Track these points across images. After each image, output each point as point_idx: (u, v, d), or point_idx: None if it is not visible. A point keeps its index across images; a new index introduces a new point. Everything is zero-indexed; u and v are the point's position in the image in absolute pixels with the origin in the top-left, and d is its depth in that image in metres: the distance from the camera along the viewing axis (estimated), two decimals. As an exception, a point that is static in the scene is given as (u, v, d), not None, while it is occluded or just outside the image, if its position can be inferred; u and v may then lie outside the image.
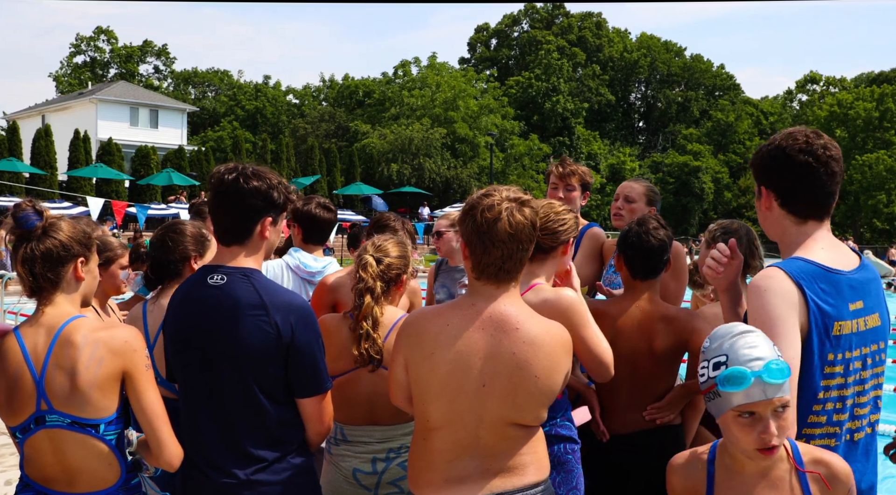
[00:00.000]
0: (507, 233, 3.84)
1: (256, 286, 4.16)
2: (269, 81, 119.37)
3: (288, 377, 4.17)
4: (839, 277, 3.86)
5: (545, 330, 3.95)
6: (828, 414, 3.82)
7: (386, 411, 4.89)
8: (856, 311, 3.86)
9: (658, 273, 5.43)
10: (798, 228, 4.03)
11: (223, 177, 4.21)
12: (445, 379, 3.90)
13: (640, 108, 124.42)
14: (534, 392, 3.87)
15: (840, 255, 3.99)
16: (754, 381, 3.43)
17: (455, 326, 3.93)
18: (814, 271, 3.82)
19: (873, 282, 4.04)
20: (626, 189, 6.93)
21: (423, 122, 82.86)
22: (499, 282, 3.95)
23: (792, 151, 3.98)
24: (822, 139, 3.98)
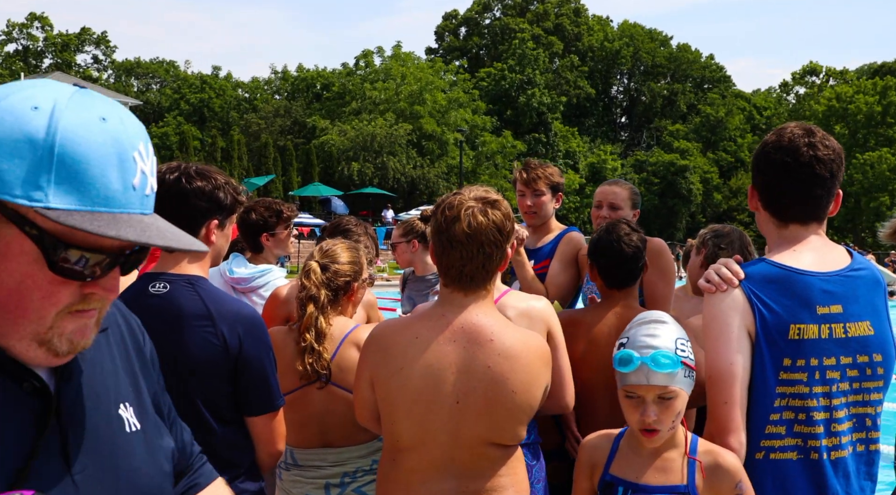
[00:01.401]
0: (465, 234, 3.89)
1: (202, 294, 4.15)
2: (219, 73, 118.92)
3: (236, 393, 4.16)
4: (805, 279, 3.87)
5: (522, 341, 3.96)
6: (786, 424, 3.84)
7: (339, 432, 4.89)
8: (826, 316, 3.84)
9: (635, 279, 5.53)
10: (779, 231, 4.08)
11: (164, 177, 4.18)
12: (416, 396, 3.89)
13: (622, 102, 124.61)
14: (511, 408, 3.87)
15: (822, 258, 3.98)
16: (640, 366, 3.81)
17: (425, 338, 3.94)
18: (769, 273, 3.90)
19: (865, 288, 4.01)
20: (608, 195, 6.90)
21: (387, 117, 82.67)
22: (465, 289, 3.97)
23: (770, 149, 4.03)
24: (812, 137, 3.97)
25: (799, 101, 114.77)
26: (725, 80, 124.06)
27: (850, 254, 4.10)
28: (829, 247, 4.08)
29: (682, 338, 3.96)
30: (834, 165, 3.95)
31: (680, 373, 3.87)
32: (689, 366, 3.92)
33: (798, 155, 3.93)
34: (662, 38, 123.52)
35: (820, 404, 3.84)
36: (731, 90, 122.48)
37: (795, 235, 4.03)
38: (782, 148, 3.98)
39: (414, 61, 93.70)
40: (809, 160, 3.91)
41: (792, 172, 3.95)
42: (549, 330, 4.90)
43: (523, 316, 4.83)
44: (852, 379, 3.91)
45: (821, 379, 3.83)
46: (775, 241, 4.10)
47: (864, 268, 4.04)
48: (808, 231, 4.03)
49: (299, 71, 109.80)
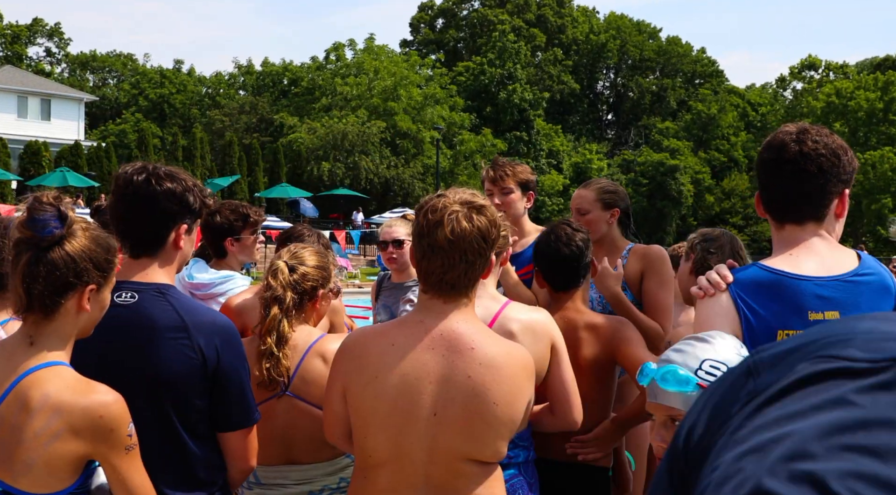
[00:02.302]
0: (448, 240, 3.85)
1: (175, 304, 4.09)
2: (180, 67, 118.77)
3: (211, 408, 4.13)
4: (797, 284, 3.92)
5: (505, 351, 3.96)
6: None
7: (304, 448, 4.85)
8: (819, 322, 3.64)
9: (579, 280, 5.61)
10: (778, 234, 4.13)
11: (132, 179, 4.13)
12: (390, 408, 3.87)
13: (608, 98, 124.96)
14: (492, 421, 3.86)
15: (824, 262, 4.01)
16: (652, 381, 3.62)
17: (401, 346, 3.92)
18: (759, 277, 3.97)
19: (870, 294, 4.01)
20: (575, 200, 6.82)
21: (359, 114, 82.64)
22: (446, 296, 3.96)
23: (762, 149, 4.13)
24: (804, 134, 4.01)
25: (796, 97, 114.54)
26: (718, 74, 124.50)
27: (860, 258, 4.11)
28: (833, 250, 4.10)
29: (720, 362, 3.60)
30: (823, 161, 3.98)
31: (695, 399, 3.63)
32: None
33: (783, 151, 4.00)
34: (651, 30, 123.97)
35: None
36: (723, 85, 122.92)
37: (793, 237, 4.07)
38: (772, 147, 4.06)
39: (388, 55, 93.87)
40: (794, 156, 3.97)
41: (778, 169, 4.03)
42: (553, 343, 4.93)
43: (528, 330, 4.85)
44: None
45: None
46: (776, 244, 4.15)
47: (872, 274, 4.05)
48: (806, 232, 4.06)
49: (265, 65, 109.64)
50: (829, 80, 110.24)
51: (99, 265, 3.67)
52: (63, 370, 3.58)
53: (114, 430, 3.52)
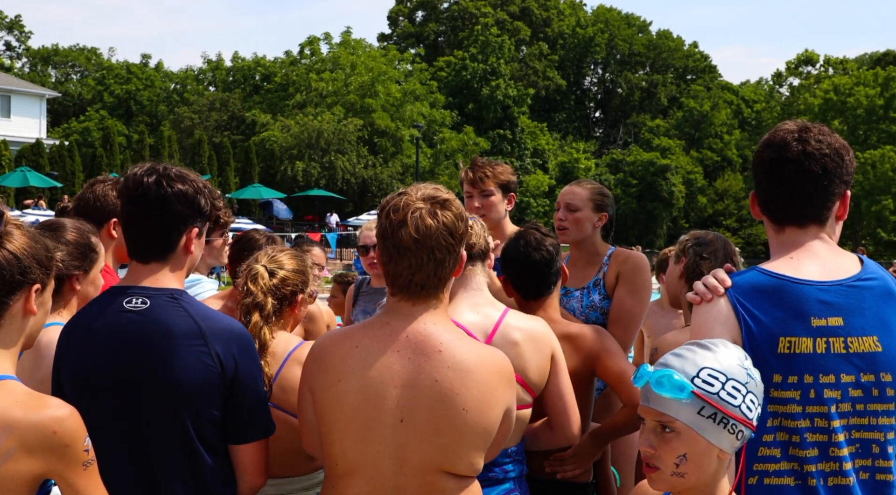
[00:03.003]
0: (413, 240, 3.84)
1: (189, 310, 4.08)
2: (148, 61, 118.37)
3: (226, 419, 4.12)
4: (799, 288, 3.88)
5: (476, 354, 3.94)
6: (781, 446, 3.84)
7: (280, 460, 4.78)
8: (823, 329, 3.85)
9: (551, 287, 5.59)
10: (777, 237, 4.12)
11: (142, 181, 4.12)
12: (354, 413, 3.87)
13: (596, 94, 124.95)
14: (462, 429, 3.83)
15: (825, 266, 3.99)
16: (645, 383, 3.55)
17: (365, 348, 3.92)
18: (759, 282, 3.94)
19: (874, 299, 3.98)
20: (566, 195, 6.82)
21: (335, 112, 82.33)
22: (414, 298, 3.95)
23: (761, 148, 4.11)
24: (806, 132, 4.01)
25: (793, 94, 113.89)
26: (711, 70, 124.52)
27: (862, 262, 4.09)
28: (834, 253, 4.09)
29: (718, 371, 3.51)
30: (827, 161, 3.97)
31: (689, 407, 3.47)
32: (714, 405, 3.45)
33: (785, 151, 3.99)
34: (641, 23, 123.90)
35: (815, 425, 3.84)
36: (717, 82, 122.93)
37: (793, 240, 4.06)
38: (772, 145, 4.05)
39: (365, 49, 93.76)
40: (797, 156, 3.96)
41: (779, 169, 4.01)
42: (553, 353, 5.02)
43: (530, 339, 4.93)
44: (855, 399, 3.89)
45: (816, 399, 3.83)
46: (775, 248, 4.14)
47: (874, 278, 4.03)
48: (807, 235, 4.06)
49: (235, 60, 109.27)
50: (827, 76, 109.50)
51: (42, 263, 3.63)
52: (11, 384, 3.48)
53: (69, 446, 3.41)
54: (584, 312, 6.55)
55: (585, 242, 6.71)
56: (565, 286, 6.60)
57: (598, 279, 6.65)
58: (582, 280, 6.71)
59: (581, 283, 6.69)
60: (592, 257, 6.74)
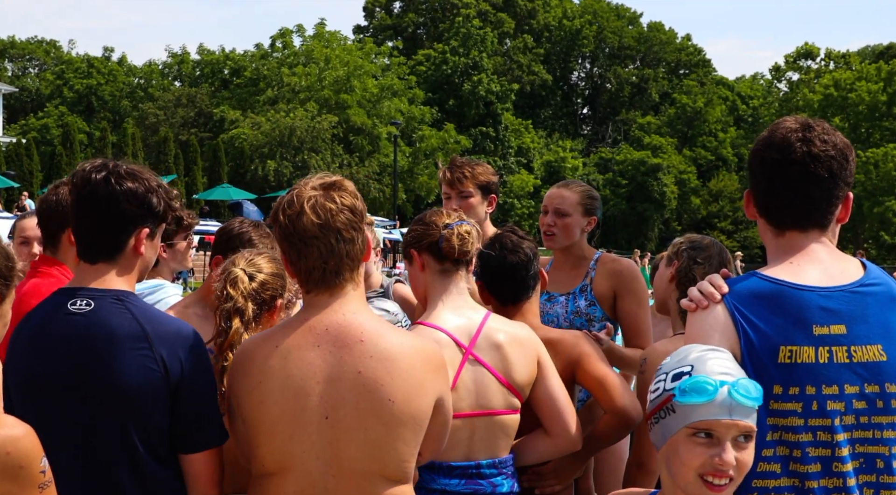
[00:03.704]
0: (317, 226, 3.92)
1: (135, 312, 4.07)
2: (110, 55, 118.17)
3: (174, 427, 4.08)
4: (801, 295, 3.87)
5: (399, 341, 4.02)
6: (781, 461, 3.82)
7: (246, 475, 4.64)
8: (825, 337, 3.83)
9: (529, 291, 5.57)
10: (776, 240, 4.09)
11: (90, 177, 4.11)
12: (278, 413, 3.91)
13: (583, 90, 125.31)
14: (390, 422, 3.88)
15: (827, 271, 3.98)
16: (721, 393, 3.48)
17: (285, 347, 3.96)
18: (758, 288, 3.92)
19: (877, 306, 3.96)
20: (555, 199, 6.79)
21: (309, 108, 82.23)
22: (331, 287, 4.01)
23: (761, 147, 4.07)
24: (809, 131, 3.98)
25: (792, 90, 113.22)
26: (705, 64, 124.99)
27: (864, 267, 4.07)
28: (836, 258, 4.07)
29: None
30: (833, 163, 3.95)
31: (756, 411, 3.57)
32: None
33: (789, 151, 3.95)
34: (631, 15, 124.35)
35: (818, 439, 3.82)
36: (711, 76, 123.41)
37: (794, 244, 4.04)
38: (773, 144, 4.01)
39: (340, 42, 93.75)
40: (802, 157, 3.92)
41: (783, 171, 3.98)
42: (539, 357, 5.02)
43: (515, 342, 4.95)
44: (859, 412, 3.87)
45: (819, 411, 3.81)
46: (773, 252, 4.12)
47: (878, 284, 4.00)
48: (809, 239, 4.04)
49: (202, 53, 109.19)
50: (828, 71, 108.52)
51: (1, 273, 3.65)
52: None
53: (24, 467, 3.39)
54: (568, 318, 6.57)
55: (572, 247, 6.74)
56: (549, 291, 6.68)
57: (584, 284, 6.67)
58: (567, 285, 6.73)
59: (566, 288, 6.71)
60: (578, 261, 6.76)
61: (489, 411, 4.85)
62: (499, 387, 4.86)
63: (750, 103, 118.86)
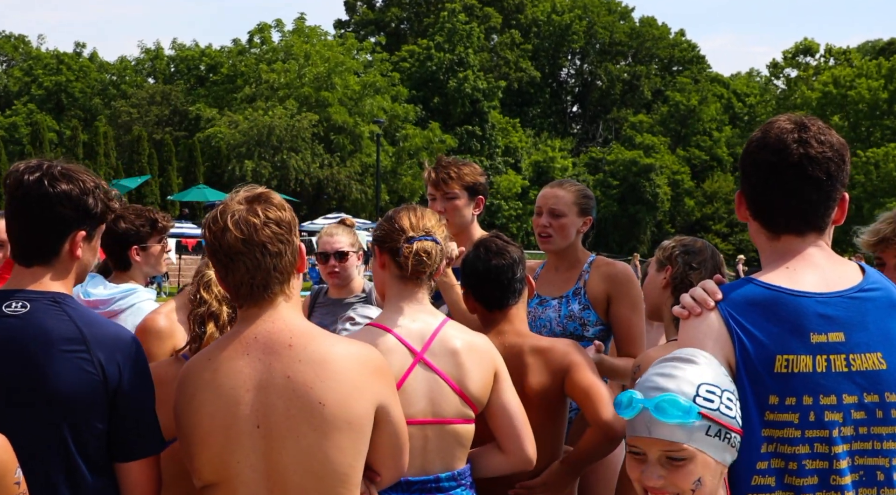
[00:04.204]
0: (241, 241, 3.96)
1: (72, 315, 4.07)
2: (81, 51, 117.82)
3: (110, 434, 4.07)
4: (798, 301, 3.86)
5: (329, 344, 4.07)
6: (776, 474, 3.81)
7: None
8: (823, 345, 3.82)
9: (516, 295, 5.57)
10: (771, 244, 4.09)
11: (23, 178, 4.12)
12: (209, 423, 3.96)
13: (573, 87, 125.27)
14: (322, 426, 3.89)
15: (825, 276, 3.97)
16: (640, 412, 3.50)
17: (217, 359, 4.03)
18: (754, 294, 3.91)
19: (877, 312, 3.95)
20: (549, 199, 6.79)
21: (288, 106, 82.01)
22: (260, 302, 4.07)
23: (754, 148, 4.06)
24: (805, 131, 3.97)
25: (789, 87, 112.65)
26: (699, 60, 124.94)
27: (863, 271, 4.07)
28: (834, 262, 4.07)
29: (713, 385, 3.56)
30: (831, 165, 3.95)
31: (698, 429, 3.48)
32: (718, 422, 3.51)
33: (786, 154, 3.94)
34: (622, 9, 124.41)
35: (815, 451, 3.80)
36: (705, 73, 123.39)
37: (790, 248, 4.04)
38: (768, 146, 4.00)
39: (320, 37, 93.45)
40: (799, 159, 3.92)
41: (779, 174, 3.97)
42: (496, 368, 4.98)
43: (472, 349, 4.93)
44: (858, 422, 3.86)
45: (817, 422, 3.80)
46: (768, 256, 4.11)
47: (878, 289, 4.00)
48: (806, 243, 4.04)
49: (177, 49, 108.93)
50: (829, 67, 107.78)
51: None
52: None
53: None
54: (561, 322, 6.57)
55: (567, 249, 6.75)
56: (541, 294, 6.70)
57: (578, 287, 6.66)
58: (560, 288, 6.73)
59: (559, 292, 6.72)
60: (572, 264, 6.77)
61: (441, 419, 4.83)
62: (451, 395, 4.85)
63: (746, 101, 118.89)
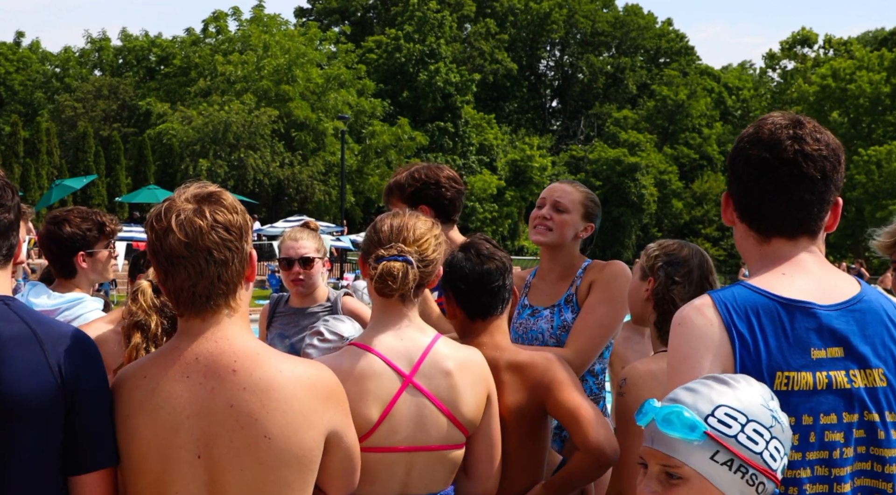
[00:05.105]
0: (184, 245, 3.86)
1: (21, 314, 3.97)
2: (21, 40, 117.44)
3: (66, 442, 3.91)
4: (802, 312, 3.87)
5: (277, 370, 3.94)
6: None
7: None
8: (823, 361, 3.83)
9: (501, 305, 5.53)
10: (760, 249, 4.10)
11: None
12: (144, 449, 3.87)
13: (552, 81, 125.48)
14: (267, 461, 3.83)
15: (821, 285, 3.98)
16: (650, 421, 3.49)
17: (153, 378, 3.92)
18: (756, 302, 3.89)
19: (877, 325, 3.97)
20: (556, 192, 6.78)
21: (246, 100, 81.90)
22: (202, 312, 3.97)
23: (746, 144, 4.07)
24: (800, 128, 4.00)
25: (785, 80, 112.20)
26: (688, 52, 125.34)
27: (858, 283, 4.07)
28: (828, 270, 4.08)
29: (738, 411, 3.44)
30: (827, 164, 3.96)
31: (701, 450, 3.40)
32: (732, 451, 3.39)
33: (779, 150, 3.96)
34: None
35: (816, 474, 3.81)
36: (694, 65, 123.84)
37: (781, 253, 4.05)
38: (760, 142, 4.01)
39: (280, 27, 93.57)
40: (794, 156, 3.93)
41: (772, 172, 3.98)
42: (488, 390, 4.95)
43: (466, 370, 4.85)
44: (859, 442, 3.88)
45: (817, 443, 3.81)
46: (756, 262, 4.12)
47: (875, 302, 4.02)
48: (798, 248, 4.05)
49: (125, 39, 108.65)
50: (828, 59, 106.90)
51: None
52: None
53: None
54: (554, 333, 6.52)
55: (562, 252, 6.71)
56: (533, 304, 6.69)
57: (569, 294, 6.63)
58: (552, 297, 6.70)
59: (551, 301, 6.68)
60: (566, 271, 6.73)
61: (429, 446, 4.76)
62: (442, 421, 4.77)
63: (738, 96, 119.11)
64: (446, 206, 7.02)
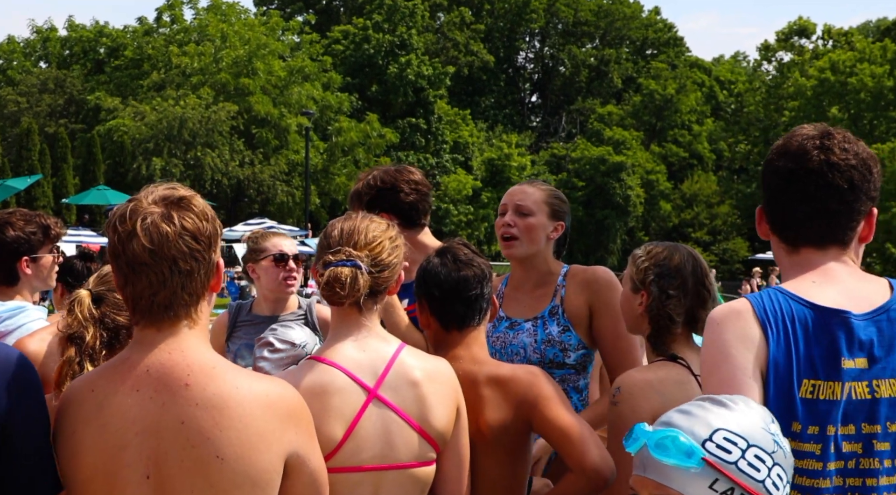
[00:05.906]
0: (148, 252, 3.82)
1: None
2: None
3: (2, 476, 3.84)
4: (835, 320, 3.98)
5: (234, 385, 3.91)
6: None
7: None
8: (850, 371, 3.93)
9: (480, 316, 5.47)
10: (790, 259, 4.26)
11: None
12: (91, 470, 3.83)
13: (532, 74, 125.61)
14: (219, 484, 3.80)
15: (850, 294, 4.08)
16: (642, 447, 3.46)
17: (101, 391, 3.90)
18: (791, 307, 4.02)
19: None
20: (515, 195, 6.73)
21: (202, 95, 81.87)
22: (159, 323, 3.93)
23: (774, 156, 4.26)
24: (829, 139, 4.14)
25: (782, 73, 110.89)
26: (677, 43, 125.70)
27: (892, 288, 4.17)
28: (859, 278, 4.18)
29: (737, 435, 3.39)
30: (855, 174, 4.10)
31: (699, 479, 3.34)
32: (732, 479, 3.34)
33: (805, 160, 4.11)
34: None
35: (833, 484, 3.89)
36: (684, 58, 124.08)
37: (810, 262, 4.17)
38: (788, 153, 4.18)
39: (240, 16, 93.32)
40: (820, 165, 4.08)
41: (797, 181, 4.14)
42: (458, 403, 4.91)
43: (433, 381, 4.81)
44: (883, 455, 3.94)
45: (836, 453, 3.89)
46: (787, 271, 4.25)
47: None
48: (827, 257, 4.17)
49: (72, 29, 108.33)
50: (828, 51, 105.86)
51: None
52: None
53: None
54: (538, 348, 6.45)
55: (536, 258, 6.65)
56: (511, 316, 6.62)
57: (554, 305, 6.57)
58: (533, 308, 6.63)
59: (532, 312, 6.61)
60: (543, 278, 6.67)
61: (398, 464, 4.70)
62: (411, 435, 4.72)
63: (731, 89, 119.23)
64: (407, 211, 6.90)
